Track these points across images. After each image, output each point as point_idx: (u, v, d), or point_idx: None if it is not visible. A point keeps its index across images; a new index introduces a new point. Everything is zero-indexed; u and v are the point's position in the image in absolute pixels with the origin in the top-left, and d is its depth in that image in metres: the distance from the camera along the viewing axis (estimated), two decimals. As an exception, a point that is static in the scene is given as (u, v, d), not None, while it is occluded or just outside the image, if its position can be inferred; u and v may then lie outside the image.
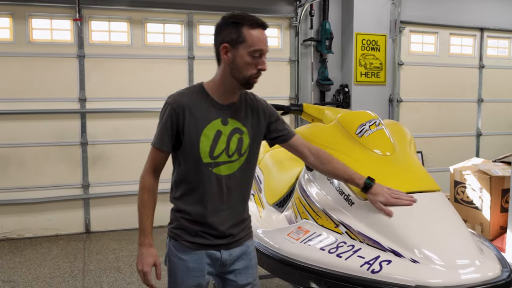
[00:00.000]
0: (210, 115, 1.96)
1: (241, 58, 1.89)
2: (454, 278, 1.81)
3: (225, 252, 2.03)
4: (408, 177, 2.24)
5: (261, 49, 1.89)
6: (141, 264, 1.96)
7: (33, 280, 4.19)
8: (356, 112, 2.62)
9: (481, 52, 6.96)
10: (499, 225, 4.27)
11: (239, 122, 2.00)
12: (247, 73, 1.91)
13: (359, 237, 2.05)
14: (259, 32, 1.89)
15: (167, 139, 1.94)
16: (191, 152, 1.95)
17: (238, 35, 1.88)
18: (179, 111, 1.92)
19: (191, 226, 2.00)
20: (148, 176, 1.99)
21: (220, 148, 1.96)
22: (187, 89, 2.03)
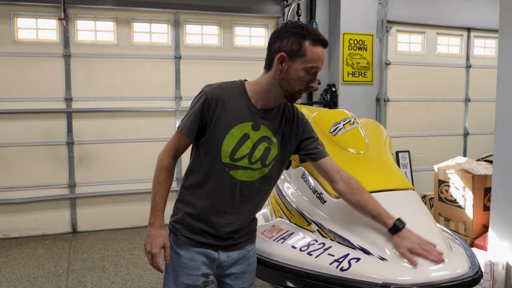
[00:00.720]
0: (243, 116, 1.89)
1: (296, 71, 1.84)
2: (422, 275, 1.82)
3: (223, 253, 2.00)
4: (381, 175, 2.25)
5: (318, 66, 1.85)
6: (150, 245, 1.89)
7: (17, 280, 4.18)
8: (331, 111, 2.63)
9: (468, 52, 6.99)
10: (481, 223, 4.30)
11: (270, 131, 1.94)
12: (296, 87, 1.86)
13: (330, 235, 2.06)
14: (320, 49, 1.85)
15: (193, 128, 1.90)
16: (213, 148, 1.90)
17: (299, 47, 1.82)
18: (212, 102, 1.87)
19: (192, 222, 1.96)
20: (167, 157, 1.94)
21: (243, 151, 1.90)
22: (227, 83, 1.95)
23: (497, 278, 3.78)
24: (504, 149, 3.80)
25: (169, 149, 1.96)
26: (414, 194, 2.21)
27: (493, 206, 3.92)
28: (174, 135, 1.97)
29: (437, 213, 4.76)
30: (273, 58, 1.86)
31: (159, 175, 1.93)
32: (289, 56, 1.83)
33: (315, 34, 1.85)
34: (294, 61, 1.83)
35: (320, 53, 1.85)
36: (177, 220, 2.01)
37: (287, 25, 1.90)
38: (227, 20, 5.95)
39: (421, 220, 2.06)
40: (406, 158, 6.63)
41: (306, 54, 1.83)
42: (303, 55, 1.83)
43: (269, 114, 1.94)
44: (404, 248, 1.86)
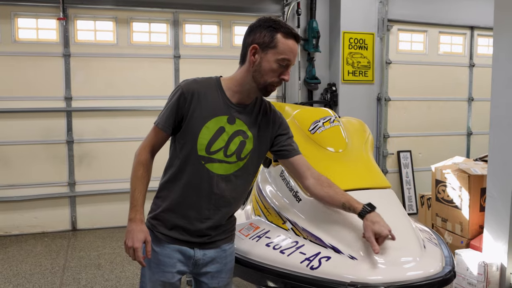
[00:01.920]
0: (218, 109, 1.93)
1: (268, 63, 1.87)
2: (392, 274, 1.81)
3: (199, 251, 1.99)
4: (359, 173, 2.24)
5: (290, 59, 1.88)
6: (131, 240, 1.87)
7: (13, 276, 4.23)
8: (312, 109, 2.62)
9: (472, 50, 6.91)
10: (478, 224, 4.26)
11: (246, 125, 1.96)
12: (269, 79, 1.88)
13: (303, 233, 2.05)
14: (292, 43, 1.88)
15: (170, 122, 1.92)
16: (189, 140, 1.92)
17: (271, 39, 1.86)
18: (187, 96, 1.90)
19: (169, 217, 1.97)
20: (144, 152, 1.96)
21: (218, 145, 1.92)
22: (202, 78, 2.00)
23: (491, 279, 3.73)
24: (498, 149, 3.76)
25: (146, 144, 1.97)
26: (391, 193, 2.20)
27: (488, 207, 3.87)
28: (151, 131, 1.99)
29: (434, 213, 4.72)
30: (247, 51, 1.90)
31: (137, 171, 1.94)
32: (262, 47, 1.87)
33: (287, 27, 1.89)
34: (266, 52, 1.86)
35: (292, 46, 1.88)
36: (154, 216, 2.02)
37: (261, 20, 1.93)
38: (226, 20, 5.95)
39: (396, 219, 2.04)
40: (407, 158, 6.58)
41: (278, 46, 1.85)
42: (275, 47, 1.85)
43: (245, 109, 1.97)
44: (371, 232, 1.84)
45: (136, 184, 1.93)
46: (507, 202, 3.67)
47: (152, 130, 1.98)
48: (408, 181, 6.53)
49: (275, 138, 2.05)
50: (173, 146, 2.00)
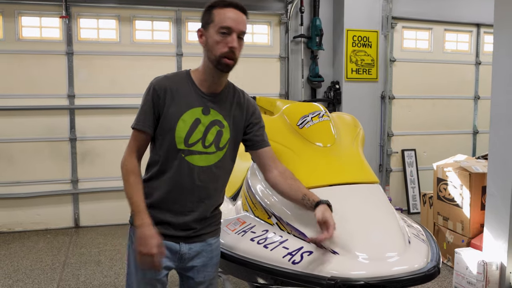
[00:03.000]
0: (192, 101, 1.93)
1: (211, 37, 1.88)
2: (374, 269, 1.79)
3: (185, 245, 1.98)
4: (346, 168, 2.22)
5: (229, 26, 1.86)
6: (146, 247, 1.82)
7: (13, 272, 4.27)
8: (301, 104, 2.62)
9: (478, 48, 6.82)
10: (479, 223, 4.20)
11: (221, 114, 1.97)
12: (218, 52, 1.87)
13: (287, 228, 2.04)
14: (229, 10, 1.88)
15: (148, 121, 1.92)
16: (167, 136, 1.92)
17: (209, 16, 1.90)
18: (160, 93, 1.91)
19: (153, 214, 1.93)
20: (130, 159, 1.93)
21: (196, 136, 1.92)
22: (173, 74, 2.01)
23: (491, 278, 3.68)
24: (499, 147, 3.70)
25: (130, 151, 1.95)
26: (377, 188, 2.17)
27: (488, 205, 3.82)
28: (131, 136, 1.97)
29: (436, 212, 4.66)
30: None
31: (128, 179, 1.91)
32: (204, 28, 1.92)
33: (224, 0, 1.90)
34: (208, 30, 1.90)
35: (229, 13, 1.88)
36: None
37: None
38: (229, 18, 5.94)
39: (381, 214, 2.02)
40: (412, 157, 6.52)
41: (215, 19, 1.88)
42: (213, 21, 1.88)
43: (217, 98, 1.97)
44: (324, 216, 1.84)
45: (132, 191, 1.90)
46: (507, 200, 3.62)
47: (132, 134, 1.96)
48: (413, 180, 6.47)
49: (247, 126, 2.05)
50: (152, 144, 2.00)
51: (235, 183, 2.96)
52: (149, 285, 1.99)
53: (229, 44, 1.86)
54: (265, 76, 6.14)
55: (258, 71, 6.11)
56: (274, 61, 6.18)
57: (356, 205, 2.03)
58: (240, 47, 1.92)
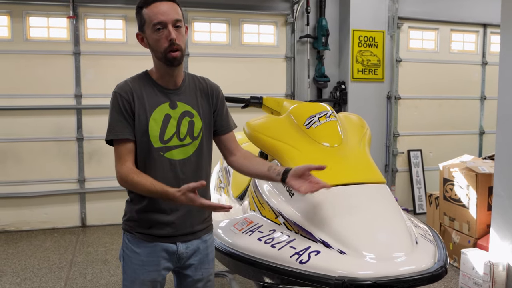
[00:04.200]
0: (158, 99, 1.95)
1: (150, 37, 1.90)
2: (381, 269, 1.79)
3: (182, 244, 2.00)
4: (353, 168, 2.23)
5: (160, 21, 1.86)
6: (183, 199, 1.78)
7: (21, 270, 4.31)
8: (308, 104, 2.62)
9: (484, 48, 6.80)
10: (486, 223, 4.19)
11: (188, 105, 1.99)
12: (161, 49, 1.88)
13: (295, 228, 2.05)
14: (155, 5, 1.88)
15: (128, 127, 1.91)
16: (142, 138, 1.92)
17: (140, 18, 1.92)
18: (128, 97, 1.92)
19: (145, 217, 1.95)
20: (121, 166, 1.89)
21: (170, 131, 1.94)
22: (132, 78, 2.01)
23: (497, 279, 3.67)
24: (506, 147, 3.70)
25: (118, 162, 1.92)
26: (384, 188, 2.17)
27: (494, 206, 3.82)
28: (115, 153, 1.94)
29: (442, 212, 4.66)
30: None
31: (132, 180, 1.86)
32: (141, 31, 1.95)
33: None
34: (144, 32, 1.92)
35: (157, 8, 1.87)
36: (129, 218, 2.01)
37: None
38: (235, 18, 5.97)
39: (388, 214, 2.03)
40: (418, 157, 6.51)
41: (146, 18, 1.89)
42: (145, 21, 1.90)
43: (180, 90, 2.00)
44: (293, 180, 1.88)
45: (140, 183, 1.85)
46: (514, 201, 3.62)
47: (115, 150, 1.93)
48: (418, 180, 6.46)
49: (214, 111, 2.08)
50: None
51: (241, 183, 2.98)
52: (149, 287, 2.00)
53: (168, 37, 1.86)
54: (271, 76, 6.15)
55: (264, 71, 6.12)
56: (280, 61, 6.18)
57: (364, 205, 2.04)
58: (181, 35, 1.91)
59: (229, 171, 3.30)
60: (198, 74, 2.12)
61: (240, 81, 5.95)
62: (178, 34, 1.88)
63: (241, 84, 5.94)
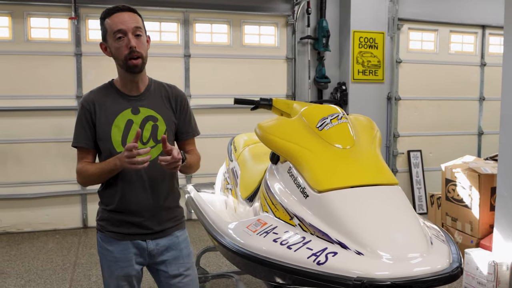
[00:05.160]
0: (119, 106, 2.06)
1: (112, 46, 2.01)
2: (399, 270, 1.80)
3: (151, 242, 2.11)
4: (366, 170, 2.23)
5: (120, 29, 1.96)
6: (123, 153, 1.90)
7: (25, 272, 4.29)
8: (320, 106, 2.61)
9: (483, 49, 6.86)
10: (488, 223, 4.23)
11: (152, 110, 2.09)
12: (121, 56, 1.99)
13: (310, 229, 2.06)
14: (116, 16, 1.99)
15: (84, 135, 2.06)
16: (104, 144, 2.04)
17: (103, 29, 2.04)
18: (89, 107, 2.05)
19: (114, 217, 2.08)
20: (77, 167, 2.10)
21: (132, 136, 2.02)
22: (98, 88, 2.16)
23: (501, 279, 3.71)
24: (509, 147, 3.73)
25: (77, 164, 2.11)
26: (398, 189, 2.18)
27: (498, 206, 3.84)
28: (77, 155, 2.13)
29: (444, 212, 4.69)
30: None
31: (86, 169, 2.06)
32: (104, 41, 2.06)
33: (108, 9, 2.02)
34: (107, 41, 2.04)
35: (116, 18, 1.98)
36: (101, 218, 2.15)
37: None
38: (236, 19, 5.98)
39: (403, 215, 2.04)
40: (417, 158, 6.54)
41: (107, 29, 2.01)
42: (107, 31, 2.01)
43: (144, 95, 2.10)
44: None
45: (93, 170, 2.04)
46: (517, 201, 3.65)
47: (77, 154, 2.12)
48: (418, 180, 6.50)
49: (178, 117, 2.18)
50: (99, 156, 2.13)
51: (251, 185, 2.98)
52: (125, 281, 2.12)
53: (128, 45, 1.97)
54: (272, 77, 6.16)
55: (265, 72, 6.13)
56: (281, 62, 6.20)
57: (379, 206, 2.05)
58: (142, 43, 2.01)
59: (236, 173, 3.31)
60: (199, 75, 2.20)
61: (241, 82, 5.96)
62: (138, 42, 1.99)
63: (242, 85, 5.95)
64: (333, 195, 2.06)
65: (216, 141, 5.33)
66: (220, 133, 5.68)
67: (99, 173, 2.02)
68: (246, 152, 3.37)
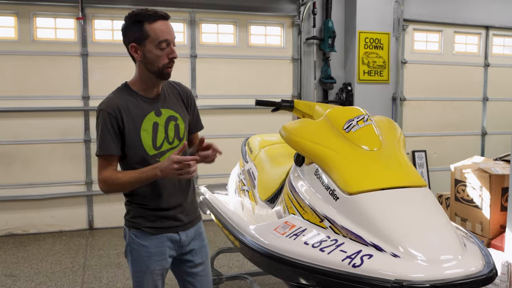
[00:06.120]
0: (143, 110, 2.09)
1: (151, 52, 2.01)
2: (434, 272, 1.81)
3: (182, 233, 2.22)
4: (394, 172, 2.23)
5: (166, 39, 2.01)
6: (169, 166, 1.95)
7: (34, 275, 4.26)
8: (344, 108, 2.62)
9: (487, 50, 6.90)
10: (499, 224, 4.24)
11: (171, 110, 2.16)
12: (160, 64, 2.03)
13: (342, 231, 2.05)
14: (161, 23, 2.01)
15: (113, 144, 2.04)
16: (136, 149, 2.07)
17: (141, 32, 2.01)
18: (115, 114, 2.03)
19: (149, 213, 2.14)
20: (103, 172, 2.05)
21: (160, 138, 2.11)
22: (113, 93, 2.13)
23: (515, 279, 3.72)
24: (522, 148, 3.75)
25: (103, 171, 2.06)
26: (427, 191, 2.19)
27: (510, 206, 3.86)
28: (98, 164, 2.08)
29: (453, 213, 4.70)
30: (130, 52, 2.09)
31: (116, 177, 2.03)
32: (138, 43, 2.03)
33: (149, 13, 2.02)
34: (144, 45, 2.02)
35: (162, 27, 2.02)
36: (134, 215, 2.17)
37: (126, 18, 2.11)
38: (242, 19, 5.97)
39: (435, 218, 2.04)
40: (422, 158, 6.57)
41: (149, 34, 2.00)
42: (148, 37, 2.01)
43: (161, 97, 2.16)
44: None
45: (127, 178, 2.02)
46: (530, 201, 3.66)
47: (99, 161, 2.07)
48: (423, 181, 6.51)
49: (190, 113, 2.28)
50: (124, 162, 2.12)
51: (271, 186, 2.97)
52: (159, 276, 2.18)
53: (170, 56, 2.04)
54: (278, 78, 6.16)
55: (271, 73, 6.12)
56: (286, 62, 6.20)
57: (412, 208, 2.05)
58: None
59: (253, 174, 3.29)
60: (205, 75, 2.26)
61: (247, 82, 5.95)
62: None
63: (248, 85, 5.95)
64: (366, 198, 2.06)
65: (223, 142, 5.30)
66: (226, 134, 5.67)
67: (134, 182, 2.03)
68: (262, 153, 3.36)
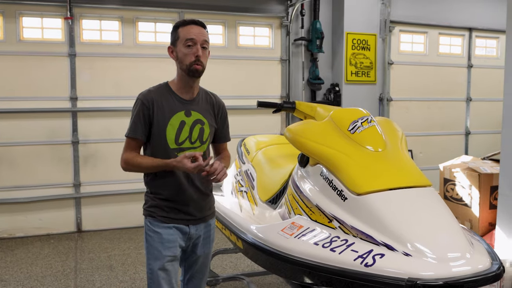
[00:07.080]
0: (175, 108, 2.32)
1: (180, 51, 2.27)
2: (445, 270, 1.84)
3: (193, 227, 2.40)
4: (400, 172, 2.27)
5: (192, 38, 2.24)
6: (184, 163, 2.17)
7: (25, 279, 4.18)
8: (348, 109, 2.65)
9: (470, 51, 7.05)
10: (488, 221, 4.34)
11: (200, 114, 2.38)
12: (187, 62, 2.25)
13: (352, 231, 2.08)
14: (190, 26, 2.27)
15: (141, 129, 2.28)
16: (160, 140, 2.30)
17: (175, 34, 2.30)
18: (149, 105, 2.28)
19: (164, 204, 2.34)
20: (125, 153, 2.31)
21: (184, 136, 2.33)
22: (155, 87, 2.37)
23: (506, 275, 3.80)
24: (511, 147, 3.83)
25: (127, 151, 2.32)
26: (433, 190, 2.23)
27: (500, 204, 3.95)
28: (125, 144, 2.33)
29: (442, 211, 4.80)
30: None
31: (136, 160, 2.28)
32: (173, 45, 2.33)
33: (185, 20, 2.31)
34: (176, 46, 2.30)
35: (191, 29, 2.27)
36: (151, 205, 2.37)
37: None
38: (231, 20, 5.96)
39: (443, 217, 2.08)
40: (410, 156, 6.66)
41: (180, 35, 2.28)
42: (178, 38, 2.28)
43: (195, 101, 2.38)
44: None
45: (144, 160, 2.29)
46: (519, 200, 3.76)
47: (126, 142, 2.33)
48: (410, 180, 6.61)
49: (218, 123, 2.49)
50: (148, 151, 2.35)
51: (272, 187, 2.99)
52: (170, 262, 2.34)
53: (195, 54, 2.24)
54: (266, 78, 6.17)
55: (260, 73, 6.14)
56: (275, 63, 6.22)
57: (420, 208, 2.09)
58: (205, 55, 2.29)
59: (251, 175, 3.30)
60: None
61: (235, 83, 5.96)
62: (203, 53, 2.27)
63: (237, 85, 5.95)
64: (375, 198, 2.09)
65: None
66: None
67: (151, 167, 2.28)
68: (260, 155, 3.37)
